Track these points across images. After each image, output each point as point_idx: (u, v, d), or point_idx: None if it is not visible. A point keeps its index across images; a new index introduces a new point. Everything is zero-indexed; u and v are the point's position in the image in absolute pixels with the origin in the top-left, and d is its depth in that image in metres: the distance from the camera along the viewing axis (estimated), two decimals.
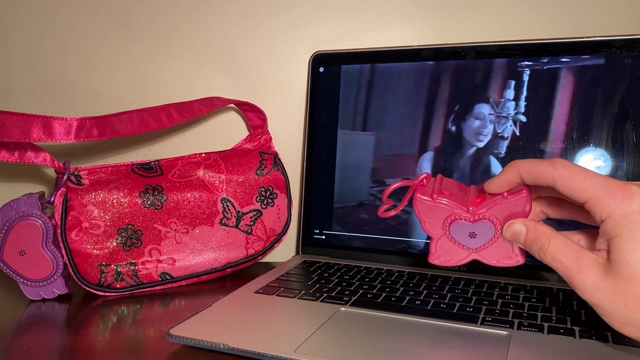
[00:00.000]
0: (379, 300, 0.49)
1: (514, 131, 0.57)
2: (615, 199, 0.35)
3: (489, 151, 0.58)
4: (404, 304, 0.48)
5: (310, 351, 0.39)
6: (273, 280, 0.55)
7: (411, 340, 0.41)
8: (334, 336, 0.41)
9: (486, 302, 0.48)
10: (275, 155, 0.66)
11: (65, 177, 0.56)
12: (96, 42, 0.71)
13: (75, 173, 0.57)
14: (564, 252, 0.37)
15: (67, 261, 0.55)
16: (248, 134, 0.69)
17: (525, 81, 0.56)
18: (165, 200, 0.59)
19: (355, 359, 0.38)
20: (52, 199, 0.55)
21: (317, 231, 0.65)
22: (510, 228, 0.41)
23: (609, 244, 0.36)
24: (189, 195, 0.59)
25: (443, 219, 0.43)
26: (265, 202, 0.63)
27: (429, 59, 0.60)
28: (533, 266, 0.52)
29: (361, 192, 0.63)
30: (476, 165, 0.58)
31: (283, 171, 0.65)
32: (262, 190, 0.63)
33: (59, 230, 0.55)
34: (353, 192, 0.63)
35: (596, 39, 0.54)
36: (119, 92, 0.71)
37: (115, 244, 0.57)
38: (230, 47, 0.70)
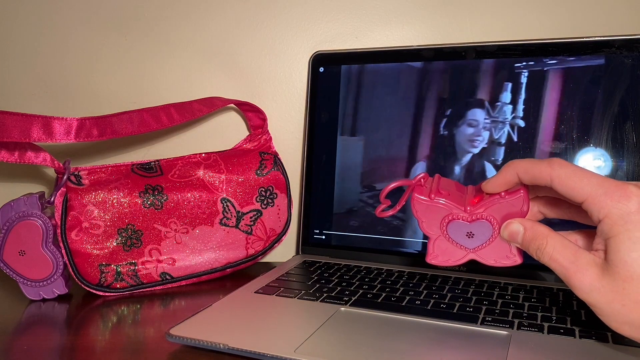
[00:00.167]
0: (379, 300, 0.49)
1: (518, 126, 0.57)
2: (612, 198, 0.35)
3: (498, 143, 0.58)
4: (404, 304, 0.48)
5: (310, 351, 0.39)
6: (273, 280, 0.55)
7: (411, 340, 0.41)
8: (334, 336, 0.41)
9: (486, 302, 0.48)
10: (275, 155, 0.66)
11: (65, 177, 0.56)
12: (96, 42, 0.71)
13: (75, 173, 0.58)
14: (561, 252, 0.37)
15: (67, 261, 0.55)
16: (248, 134, 0.69)
17: (524, 83, 0.56)
18: (165, 200, 0.59)
19: (355, 359, 0.38)
20: (52, 199, 0.55)
21: (317, 231, 0.65)
22: (507, 228, 0.41)
23: (606, 244, 0.36)
24: (189, 195, 0.60)
25: (440, 219, 0.43)
26: (265, 202, 0.63)
27: (428, 58, 0.60)
28: (533, 266, 0.52)
29: (361, 192, 0.63)
30: (488, 160, 0.58)
31: (283, 171, 0.65)
32: (262, 190, 0.63)
33: (59, 230, 0.55)
34: (353, 192, 0.63)
35: (596, 39, 0.54)
36: (119, 92, 0.71)
37: (115, 244, 0.57)
38: (230, 47, 0.70)
